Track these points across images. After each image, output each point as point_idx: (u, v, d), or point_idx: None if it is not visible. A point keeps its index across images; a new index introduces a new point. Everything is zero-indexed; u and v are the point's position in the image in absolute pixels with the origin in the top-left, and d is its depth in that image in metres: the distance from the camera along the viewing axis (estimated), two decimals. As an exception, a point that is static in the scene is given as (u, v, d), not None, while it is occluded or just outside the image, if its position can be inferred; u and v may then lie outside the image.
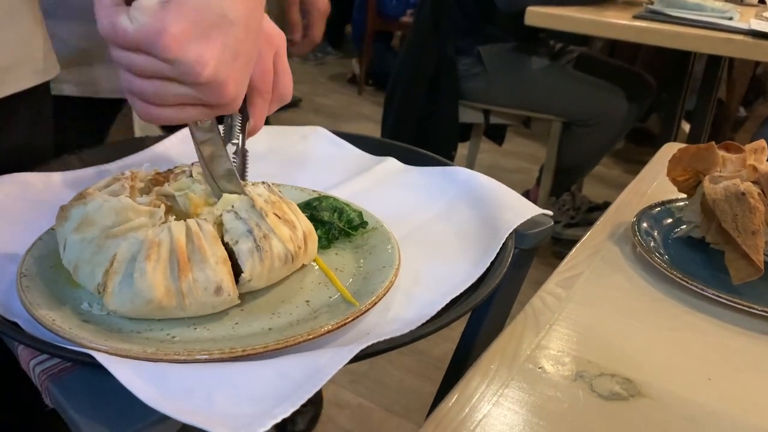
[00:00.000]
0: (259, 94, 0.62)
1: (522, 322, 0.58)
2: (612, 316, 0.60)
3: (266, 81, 0.62)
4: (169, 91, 0.46)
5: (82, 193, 0.55)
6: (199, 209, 0.55)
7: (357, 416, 1.69)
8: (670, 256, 0.68)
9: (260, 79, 0.61)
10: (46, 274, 0.53)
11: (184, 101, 0.47)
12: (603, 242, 0.73)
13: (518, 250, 0.64)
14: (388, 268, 0.57)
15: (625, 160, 3.41)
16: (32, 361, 0.47)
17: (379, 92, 4.41)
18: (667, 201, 0.78)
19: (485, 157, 3.15)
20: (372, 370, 1.84)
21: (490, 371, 0.51)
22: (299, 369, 0.43)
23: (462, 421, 0.46)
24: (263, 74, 0.61)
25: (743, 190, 0.64)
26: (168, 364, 0.44)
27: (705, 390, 0.51)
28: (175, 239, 0.49)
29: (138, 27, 0.43)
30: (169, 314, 0.49)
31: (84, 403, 0.43)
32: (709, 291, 0.61)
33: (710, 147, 0.70)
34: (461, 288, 0.56)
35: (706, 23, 1.85)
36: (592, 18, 1.94)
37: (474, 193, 0.72)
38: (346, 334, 0.51)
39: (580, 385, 0.50)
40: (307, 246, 0.55)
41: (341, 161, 0.82)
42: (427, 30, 2.27)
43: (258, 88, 0.61)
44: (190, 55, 0.44)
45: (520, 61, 2.30)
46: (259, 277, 0.51)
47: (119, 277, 0.48)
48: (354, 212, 0.65)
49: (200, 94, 0.46)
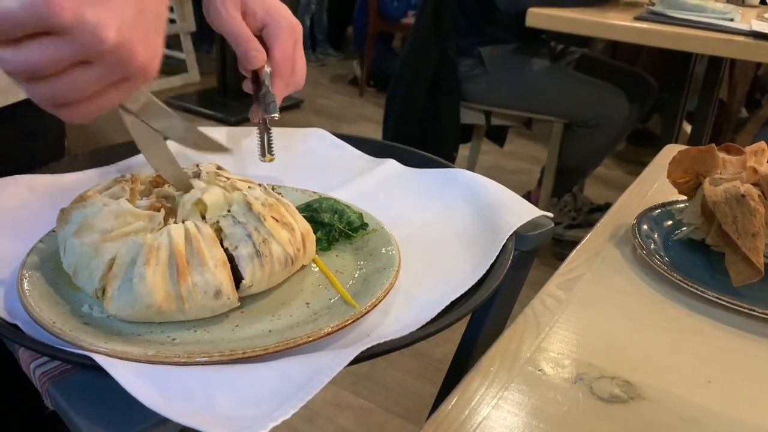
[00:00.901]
0: (281, 79, 0.65)
1: (522, 324, 0.58)
2: (612, 318, 0.60)
3: (287, 65, 0.65)
4: (81, 80, 0.41)
5: (83, 195, 0.55)
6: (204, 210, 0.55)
7: (358, 417, 1.69)
8: (671, 258, 0.68)
9: (283, 65, 0.65)
10: (47, 277, 0.53)
11: (102, 84, 0.42)
12: (603, 244, 0.73)
13: (518, 251, 0.64)
14: (388, 270, 0.57)
15: (627, 161, 3.41)
16: (33, 363, 0.47)
17: (380, 93, 4.41)
18: (667, 203, 0.78)
19: (486, 159, 3.15)
20: (373, 372, 1.84)
21: (490, 373, 0.51)
22: (299, 371, 0.43)
23: (462, 423, 0.46)
24: (285, 59, 0.65)
25: (743, 192, 0.64)
26: (168, 366, 0.44)
27: (705, 392, 0.51)
28: (174, 243, 0.49)
29: (22, 2, 0.38)
30: (169, 318, 0.49)
31: (84, 405, 0.43)
32: (710, 293, 0.61)
33: (710, 149, 0.70)
34: (461, 290, 0.56)
35: (708, 24, 1.85)
36: (594, 19, 1.94)
37: (474, 194, 0.72)
38: (346, 336, 0.51)
39: (580, 388, 0.50)
40: (306, 247, 0.56)
41: (342, 163, 0.82)
42: (428, 31, 2.27)
43: (280, 73, 0.65)
44: (89, 18, 0.39)
45: (521, 62, 2.30)
46: (260, 282, 0.52)
47: (118, 281, 0.48)
48: (354, 214, 0.65)
49: (112, 67, 0.42)
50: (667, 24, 1.88)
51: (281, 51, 0.65)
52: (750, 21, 1.88)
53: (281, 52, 0.65)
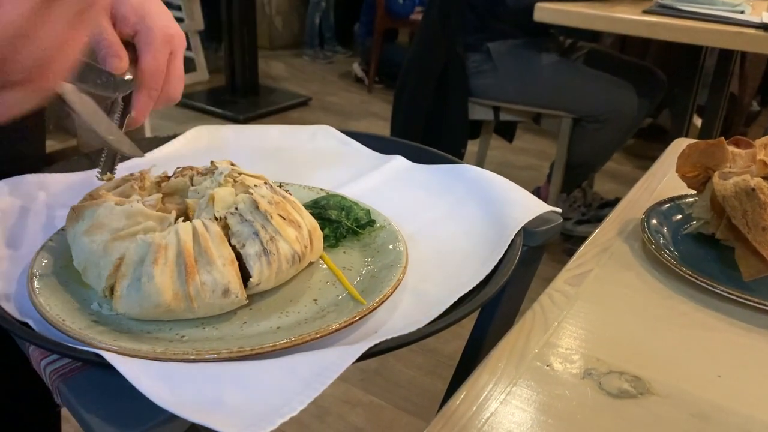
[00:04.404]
0: (147, 90, 0.61)
1: (530, 319, 0.57)
2: (621, 313, 0.60)
3: (157, 78, 0.61)
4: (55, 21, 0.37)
5: (92, 194, 0.55)
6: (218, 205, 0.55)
7: (368, 414, 1.69)
8: (680, 253, 0.68)
9: (150, 76, 0.61)
10: (57, 275, 0.54)
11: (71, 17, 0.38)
12: (612, 239, 0.72)
13: (527, 247, 0.64)
14: (395, 267, 0.57)
15: (637, 156, 3.39)
16: (43, 361, 0.47)
17: (388, 90, 4.41)
18: (676, 197, 0.78)
19: (495, 154, 3.14)
20: (383, 368, 1.84)
21: (498, 369, 0.51)
22: (307, 367, 0.44)
23: (470, 419, 0.46)
24: (155, 71, 0.61)
25: (753, 186, 0.63)
26: (177, 363, 0.44)
27: (714, 387, 0.50)
28: (182, 242, 0.49)
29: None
30: (178, 316, 0.49)
31: (94, 402, 0.44)
32: (719, 287, 0.61)
33: (719, 143, 0.69)
34: (469, 285, 0.56)
35: (718, 17, 1.83)
36: (602, 14, 1.92)
37: (482, 190, 0.72)
38: (354, 332, 0.51)
39: (589, 383, 0.50)
40: (313, 244, 0.56)
41: (349, 160, 0.82)
42: (436, 27, 2.27)
43: (147, 84, 0.61)
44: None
45: (529, 57, 2.29)
46: (268, 280, 0.52)
47: (127, 281, 0.48)
48: (362, 211, 0.65)
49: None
50: (676, 17, 1.86)
51: (151, 60, 0.60)
52: (761, 13, 1.87)
53: (150, 62, 0.60)
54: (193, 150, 0.82)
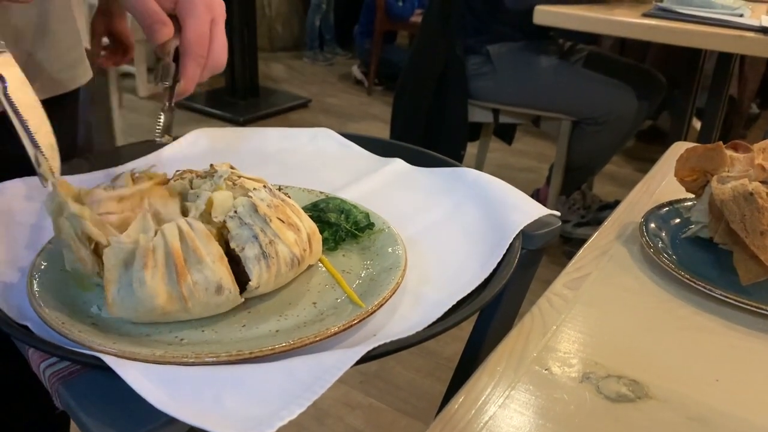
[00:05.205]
0: (193, 58, 0.61)
1: (529, 323, 0.58)
2: (619, 317, 0.60)
3: (202, 45, 0.61)
4: None
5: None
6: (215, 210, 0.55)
7: (367, 416, 1.69)
8: (678, 257, 0.68)
9: (196, 43, 0.60)
10: (56, 278, 0.54)
11: None
12: (611, 243, 0.72)
13: (525, 250, 0.64)
14: (395, 270, 0.57)
15: (636, 159, 3.40)
16: (42, 363, 0.47)
17: (388, 92, 4.42)
18: (675, 201, 0.78)
19: (495, 157, 3.15)
20: (382, 371, 1.84)
21: (496, 373, 0.51)
22: (306, 370, 0.44)
23: (468, 422, 0.46)
24: (199, 38, 0.60)
25: (751, 190, 0.64)
26: (176, 366, 0.44)
27: (713, 391, 0.51)
28: (170, 243, 0.49)
29: None
30: (174, 318, 0.49)
31: (93, 405, 0.44)
32: (718, 291, 0.61)
33: (718, 147, 0.69)
34: (468, 288, 0.56)
35: (717, 20, 1.83)
36: (602, 16, 1.93)
37: (481, 193, 0.72)
38: (353, 335, 0.51)
39: (587, 387, 0.50)
40: (312, 247, 0.56)
41: (348, 163, 0.82)
42: (436, 29, 2.27)
43: (193, 52, 0.60)
44: None
45: (529, 59, 2.29)
46: (267, 283, 0.52)
47: (116, 286, 0.48)
48: (361, 214, 0.65)
49: None
50: (675, 20, 1.87)
51: (194, 27, 0.60)
52: (760, 16, 1.87)
53: (194, 29, 0.60)
54: (192, 153, 0.82)
